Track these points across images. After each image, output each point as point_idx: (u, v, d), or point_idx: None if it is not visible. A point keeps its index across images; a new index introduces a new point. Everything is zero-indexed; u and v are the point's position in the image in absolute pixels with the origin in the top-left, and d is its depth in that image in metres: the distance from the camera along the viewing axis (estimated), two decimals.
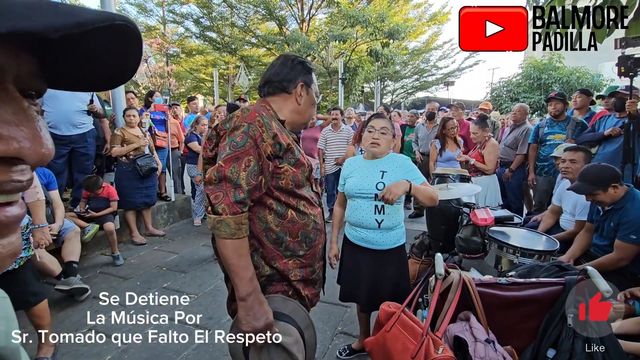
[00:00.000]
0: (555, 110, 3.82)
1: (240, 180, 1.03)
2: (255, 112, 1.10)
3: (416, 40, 18.29)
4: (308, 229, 1.20)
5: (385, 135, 1.85)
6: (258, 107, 1.15)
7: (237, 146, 1.06)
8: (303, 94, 1.24)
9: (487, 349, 1.32)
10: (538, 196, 3.97)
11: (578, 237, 2.39)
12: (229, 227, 1.02)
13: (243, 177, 1.04)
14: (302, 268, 1.20)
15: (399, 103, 20.35)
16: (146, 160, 3.92)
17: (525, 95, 13.18)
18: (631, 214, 1.98)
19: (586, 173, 2.12)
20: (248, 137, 1.06)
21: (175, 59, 16.65)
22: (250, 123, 1.07)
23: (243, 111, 1.12)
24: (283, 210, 1.15)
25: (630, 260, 1.95)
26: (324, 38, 14.50)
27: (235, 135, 1.07)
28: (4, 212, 0.27)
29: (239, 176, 1.04)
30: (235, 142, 1.06)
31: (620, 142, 3.23)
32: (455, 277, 1.44)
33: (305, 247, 1.20)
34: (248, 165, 1.05)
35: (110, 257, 3.54)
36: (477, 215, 2.26)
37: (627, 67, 2.73)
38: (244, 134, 1.06)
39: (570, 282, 1.39)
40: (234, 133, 1.08)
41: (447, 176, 3.05)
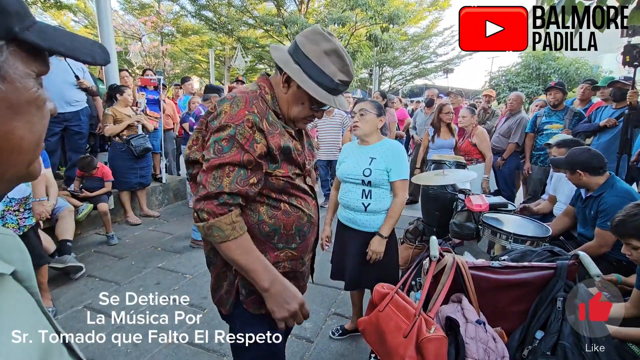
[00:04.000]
0: (554, 100, 3.81)
1: (223, 186, 0.94)
2: (244, 110, 0.98)
3: (416, 25, 17.97)
4: (302, 222, 1.12)
5: (364, 116, 1.87)
6: (251, 98, 1.02)
7: (222, 151, 0.95)
8: (289, 84, 1.07)
9: (478, 329, 1.35)
10: (532, 185, 4.01)
11: (556, 219, 2.49)
12: (221, 230, 0.93)
13: (226, 184, 0.94)
14: (292, 260, 1.13)
15: (397, 90, 20.17)
16: (140, 140, 3.86)
17: (524, 85, 13.15)
18: (608, 201, 2.01)
19: (571, 152, 2.22)
20: (234, 142, 0.95)
21: (170, 39, 16.21)
22: (237, 124, 0.95)
23: (232, 106, 0.99)
24: (276, 203, 1.07)
25: (610, 247, 1.99)
26: (322, 21, 14.17)
27: (221, 137, 0.96)
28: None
29: (221, 182, 0.95)
30: (220, 147, 0.96)
31: (615, 133, 3.25)
32: (449, 260, 1.45)
33: (299, 240, 1.12)
34: (232, 171, 0.95)
35: (104, 236, 3.53)
36: (472, 201, 2.28)
37: (633, 56, 2.72)
38: (230, 137, 0.95)
39: (561, 267, 1.41)
40: (219, 134, 0.97)
41: (444, 162, 3.06)
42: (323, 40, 1.03)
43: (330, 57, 1.03)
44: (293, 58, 1.04)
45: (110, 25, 4.25)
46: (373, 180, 1.83)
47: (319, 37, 1.03)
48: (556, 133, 3.55)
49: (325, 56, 1.03)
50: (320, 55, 1.02)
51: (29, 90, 0.33)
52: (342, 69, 1.05)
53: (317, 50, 1.02)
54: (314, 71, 1.02)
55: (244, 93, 1.03)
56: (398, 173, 1.84)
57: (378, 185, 1.85)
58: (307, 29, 1.07)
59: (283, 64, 1.04)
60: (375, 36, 14.39)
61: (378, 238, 1.85)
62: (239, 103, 0.99)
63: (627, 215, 1.47)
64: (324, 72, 1.02)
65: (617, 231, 1.52)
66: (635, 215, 1.44)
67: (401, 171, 1.85)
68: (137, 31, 14.57)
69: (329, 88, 1.04)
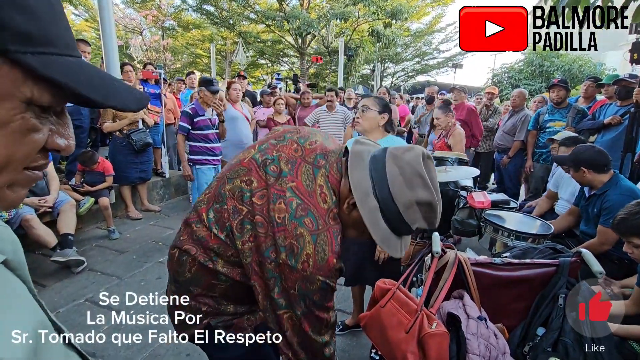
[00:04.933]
0: (557, 97, 3.79)
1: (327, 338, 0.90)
2: (332, 257, 0.80)
3: (419, 21, 17.86)
4: None
5: (365, 113, 1.85)
6: (334, 232, 0.82)
7: (316, 305, 0.84)
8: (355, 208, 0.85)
9: (479, 325, 1.35)
10: (534, 183, 4.00)
11: (560, 217, 2.48)
12: (333, 344, 0.91)
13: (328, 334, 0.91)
14: None
15: (399, 86, 20.10)
16: (140, 135, 3.85)
17: (527, 82, 13.10)
18: (612, 199, 2.01)
19: (576, 149, 2.22)
20: (328, 291, 0.84)
21: (171, 33, 16.16)
22: (327, 276, 0.80)
23: (317, 248, 0.79)
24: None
25: (611, 245, 1.99)
26: (324, 16, 14.09)
27: (311, 292, 0.81)
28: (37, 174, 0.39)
29: (325, 333, 0.89)
30: (312, 302, 0.83)
31: (619, 131, 3.23)
32: (451, 256, 1.45)
33: None
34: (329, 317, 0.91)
35: (105, 230, 3.54)
36: (474, 198, 2.27)
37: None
38: (322, 290, 0.82)
39: (563, 264, 1.41)
40: (306, 286, 0.80)
41: (446, 159, 3.05)
42: (421, 187, 0.83)
43: (421, 208, 0.84)
44: (374, 187, 0.83)
45: (112, 18, 4.22)
46: None
47: (418, 182, 0.82)
48: (559, 131, 3.54)
49: (416, 206, 0.83)
50: (411, 205, 0.83)
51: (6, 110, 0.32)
52: (426, 218, 0.87)
53: (410, 198, 0.83)
54: (394, 215, 0.84)
55: (320, 211, 0.82)
56: None
57: None
58: (409, 157, 0.83)
59: (359, 197, 0.83)
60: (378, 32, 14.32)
61: None
62: (324, 246, 0.80)
63: (628, 213, 1.46)
64: (405, 221, 0.85)
65: (619, 229, 1.52)
66: (636, 214, 1.43)
67: None
68: (137, 25, 14.52)
69: (399, 232, 0.87)
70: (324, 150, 0.91)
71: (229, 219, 0.85)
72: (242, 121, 4.03)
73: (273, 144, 0.92)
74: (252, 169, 0.87)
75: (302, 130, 0.99)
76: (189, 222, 0.94)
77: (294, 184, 0.83)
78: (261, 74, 20.43)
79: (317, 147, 0.92)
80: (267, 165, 0.86)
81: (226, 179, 0.90)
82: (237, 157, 0.98)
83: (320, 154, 0.90)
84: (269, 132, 1.06)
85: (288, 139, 0.93)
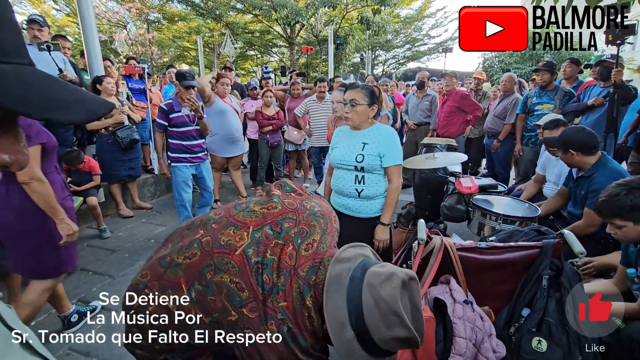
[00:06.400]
0: (542, 81, 3.79)
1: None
2: None
3: (408, 7, 17.66)
4: None
5: (355, 107, 1.82)
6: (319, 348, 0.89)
7: None
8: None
9: (465, 309, 1.37)
10: (524, 166, 4.03)
11: (550, 198, 2.49)
12: None
13: None
14: None
15: (390, 73, 19.98)
16: (127, 131, 3.78)
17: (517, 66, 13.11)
18: (599, 182, 2.02)
19: (565, 131, 2.24)
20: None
21: (156, 26, 15.79)
22: None
23: None
24: None
25: (597, 227, 2.01)
26: (313, 4, 13.87)
27: None
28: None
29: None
30: None
31: (602, 112, 3.25)
32: (437, 242, 1.46)
33: None
34: None
35: (96, 230, 3.51)
36: (462, 183, 2.29)
37: (615, 35, 2.70)
38: None
39: (547, 245, 1.43)
40: None
41: (435, 146, 3.06)
42: (397, 326, 0.78)
43: (399, 342, 0.81)
44: (350, 318, 0.80)
45: (92, 12, 4.10)
46: (366, 166, 1.82)
47: (394, 321, 0.78)
48: (547, 113, 3.55)
49: (393, 341, 0.80)
50: (388, 341, 0.80)
51: None
52: (408, 346, 0.84)
53: (385, 335, 0.79)
54: (372, 344, 0.80)
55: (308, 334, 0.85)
56: (391, 159, 1.82)
57: (371, 170, 1.84)
58: (386, 292, 0.79)
59: (334, 330, 0.81)
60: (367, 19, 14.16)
61: (381, 227, 1.86)
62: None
63: (609, 195, 1.48)
64: (383, 349, 0.82)
65: (600, 212, 1.53)
66: (616, 195, 1.45)
67: (394, 157, 1.83)
68: (121, 19, 14.15)
69: (380, 356, 0.84)
70: (318, 260, 0.90)
71: (216, 312, 0.86)
72: (232, 114, 3.98)
73: (268, 236, 0.91)
74: (244, 271, 0.86)
75: (301, 216, 0.96)
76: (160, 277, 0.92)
77: (285, 304, 0.84)
78: (251, 66, 20.14)
79: (312, 253, 0.91)
80: (259, 272, 0.86)
81: (213, 262, 0.88)
82: (223, 216, 0.97)
83: (313, 267, 0.89)
84: (263, 199, 1.01)
85: (284, 235, 0.91)
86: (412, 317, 0.80)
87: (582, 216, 2.14)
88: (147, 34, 13.99)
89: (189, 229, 1.02)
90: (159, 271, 0.94)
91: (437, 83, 6.16)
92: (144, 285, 0.94)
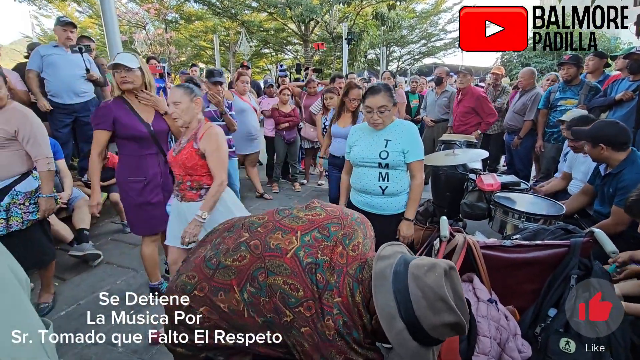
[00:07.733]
0: (567, 75, 3.66)
1: None
2: None
3: (424, 2, 17.40)
4: None
5: (383, 114, 1.81)
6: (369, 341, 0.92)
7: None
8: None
9: (490, 308, 1.36)
10: (545, 163, 3.91)
11: (574, 196, 2.42)
12: None
13: None
14: None
15: (405, 70, 19.73)
16: None
17: (537, 60, 12.73)
18: (628, 178, 1.94)
19: (597, 124, 2.14)
20: None
21: (174, 26, 16.08)
22: None
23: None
24: None
25: (626, 225, 1.93)
26: (327, 1, 13.83)
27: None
28: None
29: None
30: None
31: (631, 107, 3.12)
32: (459, 240, 1.45)
33: None
34: None
35: (120, 224, 3.62)
36: (483, 180, 2.25)
37: None
38: None
39: (575, 244, 1.40)
40: None
41: (454, 142, 3.01)
42: (445, 312, 0.81)
43: (448, 327, 0.83)
44: (399, 310, 0.83)
45: (114, 14, 4.21)
46: (390, 163, 1.81)
47: (441, 306, 0.81)
48: (570, 109, 3.43)
49: (442, 327, 0.83)
50: (437, 327, 0.82)
51: None
52: (456, 332, 0.86)
53: (435, 322, 0.82)
54: (422, 334, 0.83)
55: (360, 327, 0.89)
56: (415, 154, 1.81)
57: (395, 167, 1.83)
58: (431, 280, 0.82)
59: (385, 323, 0.83)
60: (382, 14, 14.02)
61: (406, 222, 1.86)
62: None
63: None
64: (433, 337, 0.84)
65: (631, 211, 1.48)
66: None
67: (417, 152, 1.82)
68: (141, 19, 14.48)
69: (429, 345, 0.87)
70: (363, 260, 0.95)
71: (270, 313, 0.90)
72: (250, 113, 4.02)
73: (317, 238, 0.95)
74: (297, 272, 0.89)
75: (344, 221, 1.01)
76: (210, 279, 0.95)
77: (340, 299, 0.88)
78: (265, 64, 20.27)
79: (359, 254, 0.95)
80: (312, 272, 0.89)
81: (265, 265, 0.91)
82: (268, 220, 1.02)
83: (360, 266, 0.93)
84: (304, 209, 1.06)
85: (333, 237, 0.96)
86: (455, 304, 0.83)
87: (610, 214, 2.08)
88: (165, 33, 14.26)
89: (229, 231, 1.06)
90: (207, 273, 0.97)
91: (454, 79, 6.04)
92: (192, 287, 0.97)
